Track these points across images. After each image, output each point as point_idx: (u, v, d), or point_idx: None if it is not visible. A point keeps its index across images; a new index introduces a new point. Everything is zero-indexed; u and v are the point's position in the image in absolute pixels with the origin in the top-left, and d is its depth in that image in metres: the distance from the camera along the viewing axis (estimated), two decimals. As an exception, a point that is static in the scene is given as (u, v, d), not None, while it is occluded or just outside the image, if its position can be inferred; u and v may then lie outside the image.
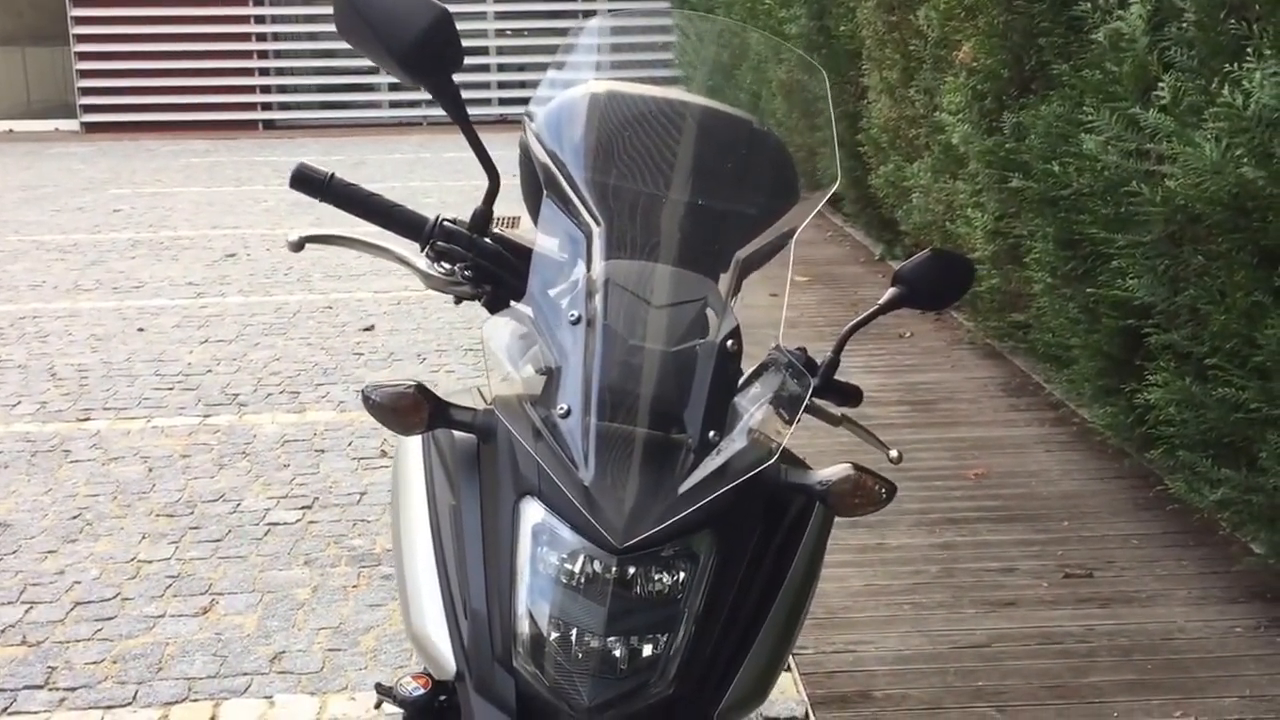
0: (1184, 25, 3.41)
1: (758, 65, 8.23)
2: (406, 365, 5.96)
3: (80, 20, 15.20)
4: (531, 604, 1.46)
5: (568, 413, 1.46)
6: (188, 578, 3.84)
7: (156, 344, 6.42)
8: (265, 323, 6.80)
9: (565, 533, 1.45)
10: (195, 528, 4.21)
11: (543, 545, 1.46)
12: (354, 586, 3.78)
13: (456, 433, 1.62)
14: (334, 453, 4.87)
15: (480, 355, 6.06)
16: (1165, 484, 4.11)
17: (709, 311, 1.56)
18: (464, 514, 1.59)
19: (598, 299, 1.50)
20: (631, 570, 1.43)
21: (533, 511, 1.47)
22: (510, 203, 1.86)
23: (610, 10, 1.83)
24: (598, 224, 1.56)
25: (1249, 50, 3.09)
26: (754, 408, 1.57)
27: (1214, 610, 3.56)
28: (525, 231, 1.94)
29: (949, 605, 3.60)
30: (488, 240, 1.77)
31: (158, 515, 4.31)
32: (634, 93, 1.78)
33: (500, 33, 15.20)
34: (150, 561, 3.95)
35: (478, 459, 1.61)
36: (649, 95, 1.78)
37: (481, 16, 14.93)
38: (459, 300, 1.84)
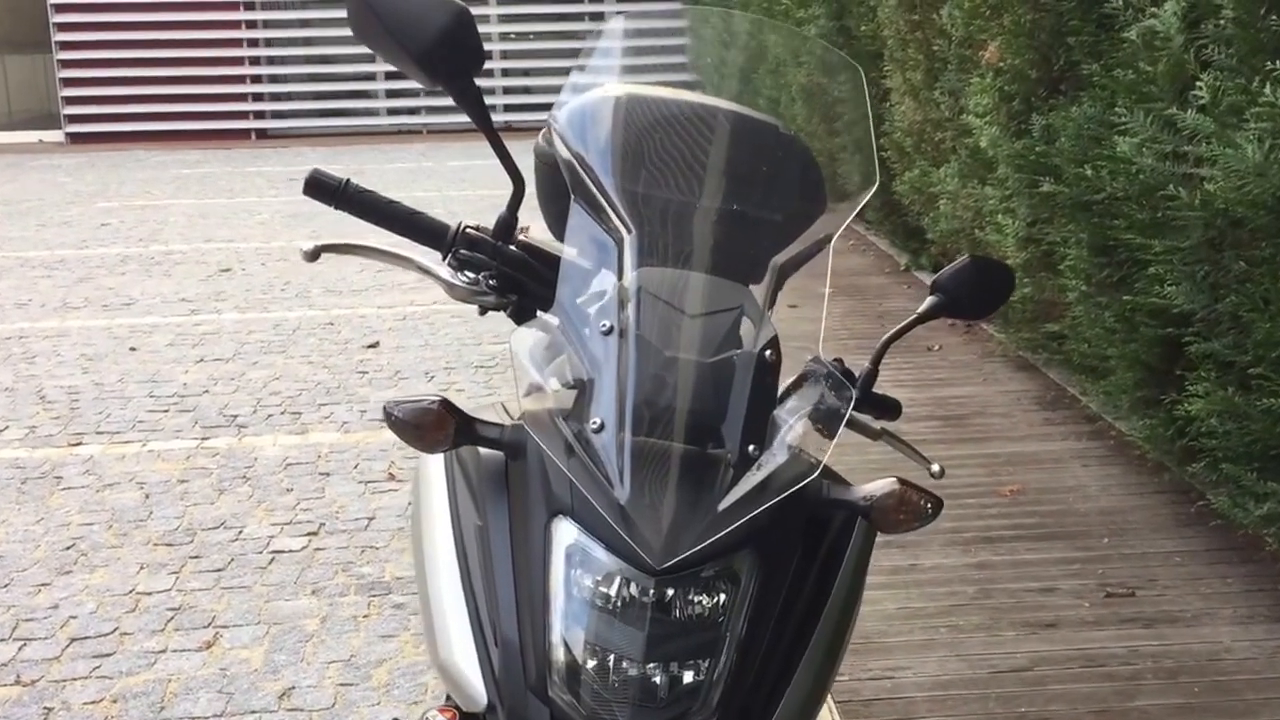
0: (1221, 22, 3.44)
1: (776, 68, 8.25)
2: (414, 384, 5.99)
3: (63, 27, 15.28)
4: (566, 630, 1.47)
5: (601, 427, 1.46)
6: (189, 610, 3.84)
7: (150, 364, 6.46)
8: (263, 340, 6.84)
9: (600, 554, 1.46)
10: (196, 557, 4.22)
11: (577, 567, 1.47)
12: (364, 616, 3.80)
13: (482, 450, 1.64)
14: (339, 476, 4.89)
15: (491, 373, 6.10)
16: (1207, 499, 4.13)
17: (745, 320, 1.58)
18: (492, 535, 1.60)
19: (630, 308, 1.52)
20: (670, 593, 1.44)
21: (566, 532, 1.48)
22: (526, 210, 1.89)
23: (633, 11, 1.86)
24: (629, 231, 1.58)
25: (1291, 47, 3.12)
26: (793, 421, 1.59)
27: (1261, 629, 3.58)
28: (543, 235, 1.96)
29: (987, 628, 3.62)
30: (513, 248, 1.80)
31: (156, 544, 4.32)
32: (657, 95, 1.80)
33: (504, 36, 15.27)
34: (149, 593, 3.96)
35: (505, 477, 1.63)
36: (673, 98, 1.81)
37: (484, 20, 14.98)
38: (484, 311, 1.86)
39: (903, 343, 1.73)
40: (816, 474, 1.53)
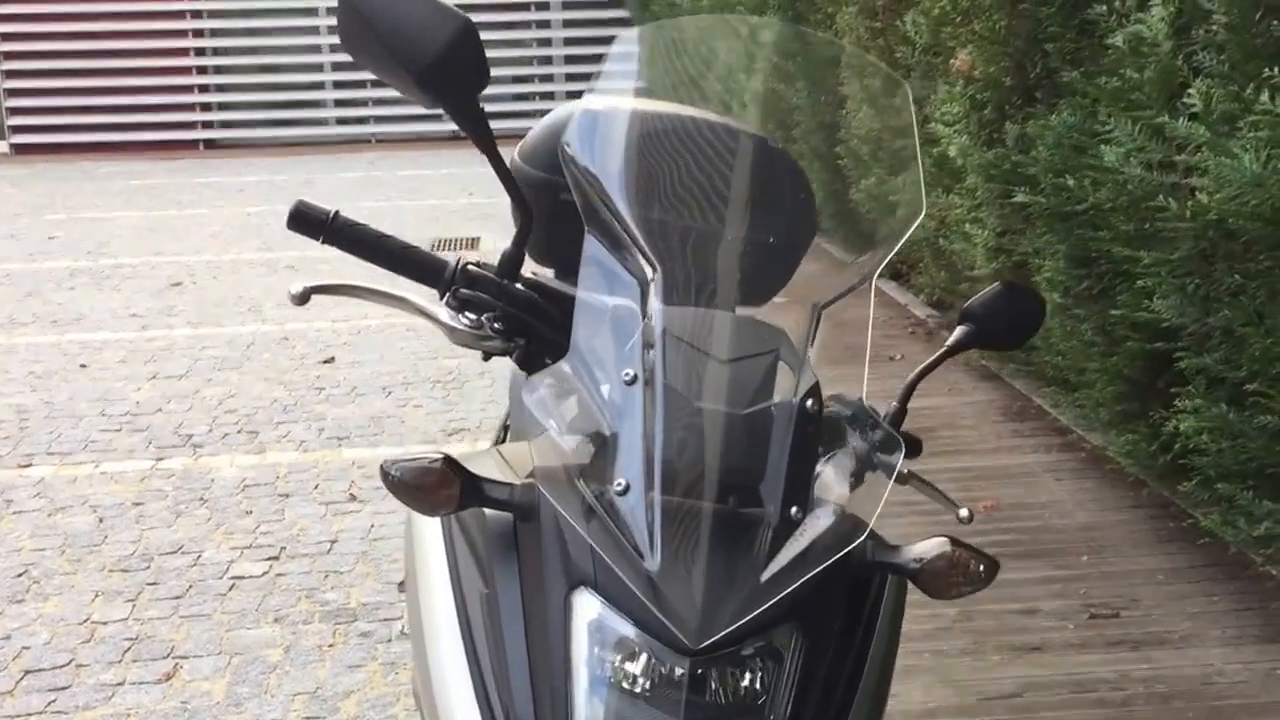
0: (1213, 28, 3.30)
1: (729, 73, 8.08)
2: (371, 400, 5.77)
3: (7, 37, 14.88)
4: (589, 714, 1.29)
5: (626, 489, 1.29)
6: (147, 640, 3.64)
7: (101, 381, 6.19)
8: (217, 356, 6.58)
9: (628, 630, 1.28)
10: (153, 583, 4.00)
11: (601, 645, 1.29)
12: (330, 646, 3.60)
13: (487, 509, 1.45)
14: (299, 497, 4.68)
15: (449, 388, 5.89)
16: (1193, 516, 4.00)
17: (781, 365, 1.41)
18: (501, 605, 1.41)
19: (655, 355, 1.34)
20: (707, 673, 1.27)
21: (588, 605, 1.31)
22: (474, 222, 1.69)
23: (650, 25, 1.67)
24: (654, 268, 1.40)
25: (1290, 54, 2.98)
26: (836, 476, 1.41)
27: (1252, 650, 3.44)
28: (536, 267, 1.77)
29: (972, 652, 3.46)
30: (519, 286, 1.61)
31: (111, 570, 4.10)
32: (674, 114, 1.63)
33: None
34: (105, 623, 3.75)
35: (515, 540, 1.43)
36: (691, 116, 1.63)
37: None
38: (488, 356, 1.68)
39: (859, 350, 1.55)
40: (865, 537, 1.35)
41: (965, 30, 4.88)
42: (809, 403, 1.36)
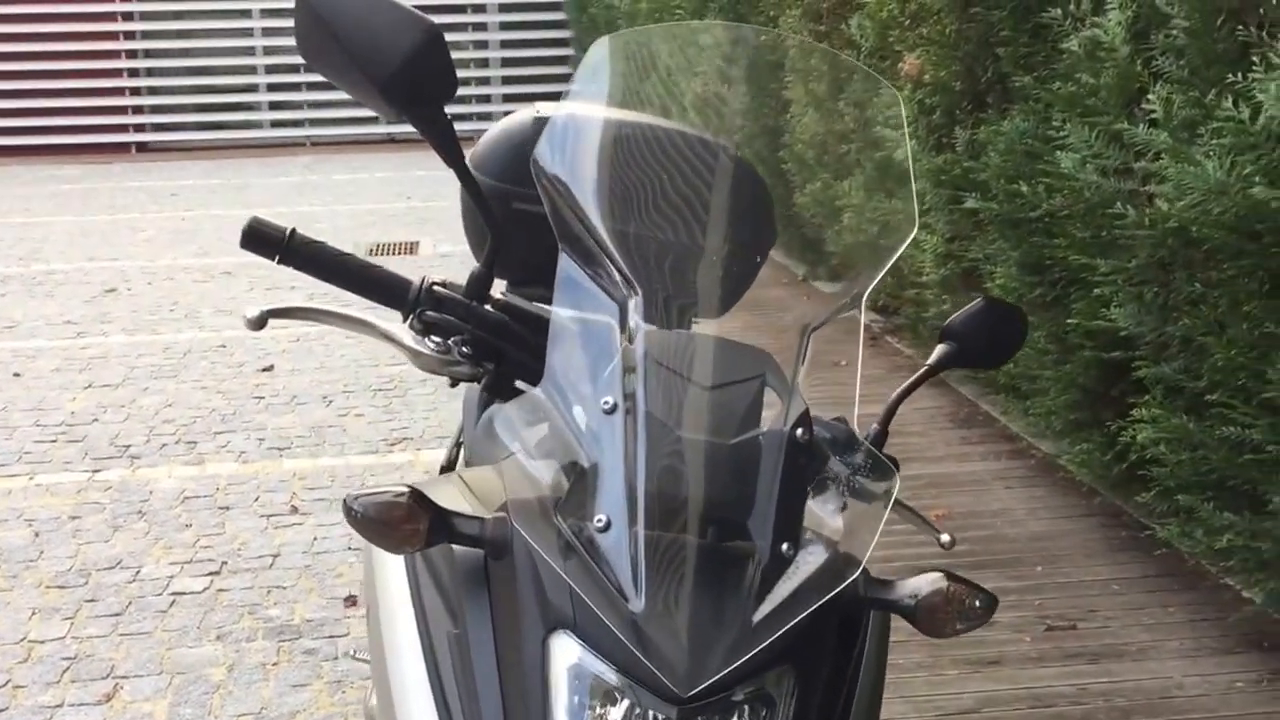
0: (1173, 32, 3.24)
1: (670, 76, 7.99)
2: (312, 409, 5.61)
3: (-67, 38, 14.50)
4: None
5: (607, 525, 1.19)
6: (86, 659, 3.50)
7: (34, 390, 5.97)
8: (154, 364, 6.38)
9: (610, 676, 1.18)
10: (91, 600, 3.85)
11: (582, 693, 1.19)
12: (274, 664, 3.47)
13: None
14: (240, 509, 4.52)
15: (390, 396, 5.75)
16: (1146, 526, 3.95)
17: (768, 391, 1.31)
18: (473, 648, 1.30)
19: (637, 381, 1.25)
20: None
21: (567, 649, 1.20)
22: (421, 226, 1.58)
23: (624, 32, 1.57)
24: (635, 290, 1.30)
25: (1255, 59, 2.92)
26: (824, 507, 1.32)
27: (1211, 663, 3.39)
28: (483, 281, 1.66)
29: (929, 666, 3.38)
30: (489, 308, 1.50)
31: (48, 587, 3.93)
32: (649, 125, 1.53)
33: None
34: (42, 641, 3.59)
35: (486, 577, 1.33)
36: (655, 126, 1.53)
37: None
38: (455, 382, 1.57)
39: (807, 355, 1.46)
40: (859, 573, 1.26)
41: (913, 34, 4.82)
42: (799, 431, 1.27)
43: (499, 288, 1.65)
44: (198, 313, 7.40)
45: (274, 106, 14.82)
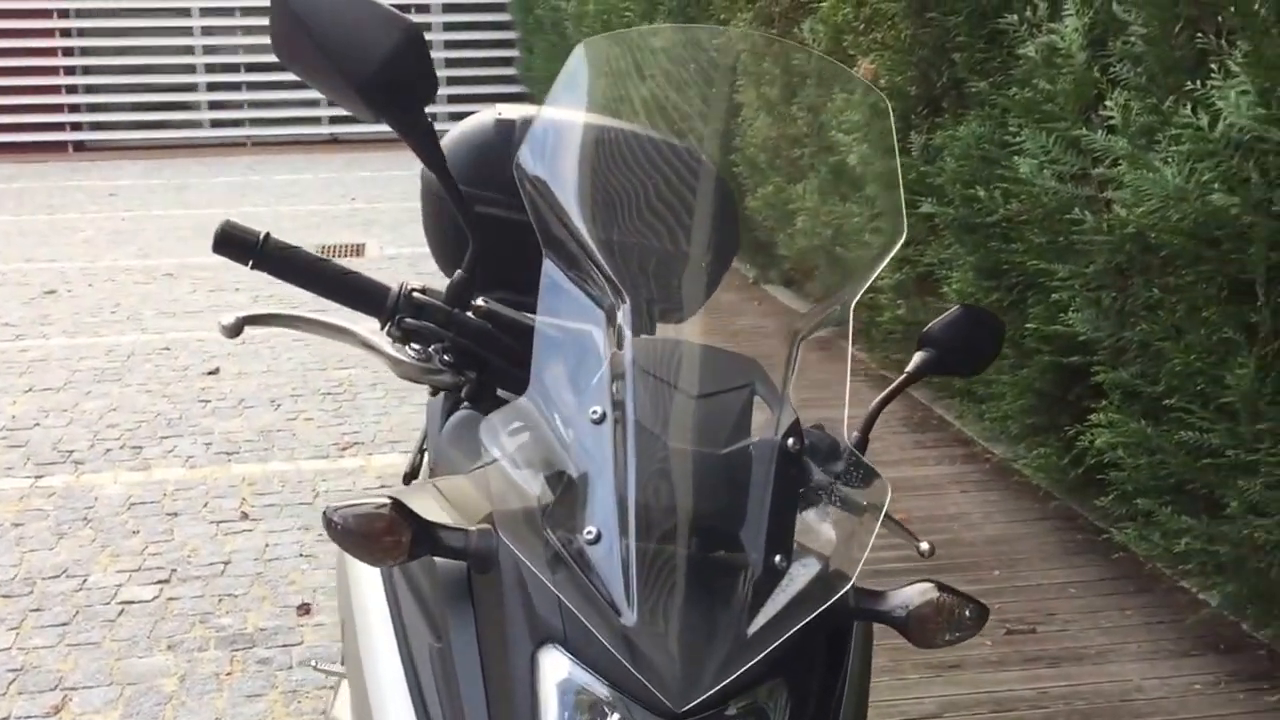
0: (1130, 39, 3.28)
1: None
2: (260, 413, 5.54)
3: None
4: None
5: (598, 537, 1.17)
6: (33, 670, 3.43)
7: (-28, 394, 5.87)
8: (96, 368, 6.28)
9: (602, 691, 1.16)
10: (37, 610, 3.77)
11: (571, 707, 1.17)
12: (227, 674, 3.42)
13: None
14: (188, 516, 4.45)
15: (340, 400, 5.69)
16: (1101, 529, 3.98)
17: (757, 400, 1.30)
18: (457, 663, 1.28)
19: (626, 390, 1.23)
20: None
21: (556, 664, 1.18)
22: (381, 227, 1.56)
23: (605, 35, 1.56)
24: (622, 298, 1.29)
25: (1213, 66, 2.95)
26: (815, 518, 1.31)
27: (1168, 665, 3.43)
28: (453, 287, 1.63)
29: (890, 670, 3.38)
30: (470, 315, 1.48)
31: (-10, 597, 3.85)
32: (633, 131, 1.52)
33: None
34: (-13, 653, 3.52)
35: (469, 589, 1.31)
36: (637, 133, 1.52)
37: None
38: (436, 391, 1.55)
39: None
40: (850, 585, 1.25)
41: (868, 39, 4.84)
42: (790, 441, 1.26)
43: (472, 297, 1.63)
44: (140, 315, 7.29)
45: (214, 106, 14.65)
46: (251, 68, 14.38)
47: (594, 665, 1.17)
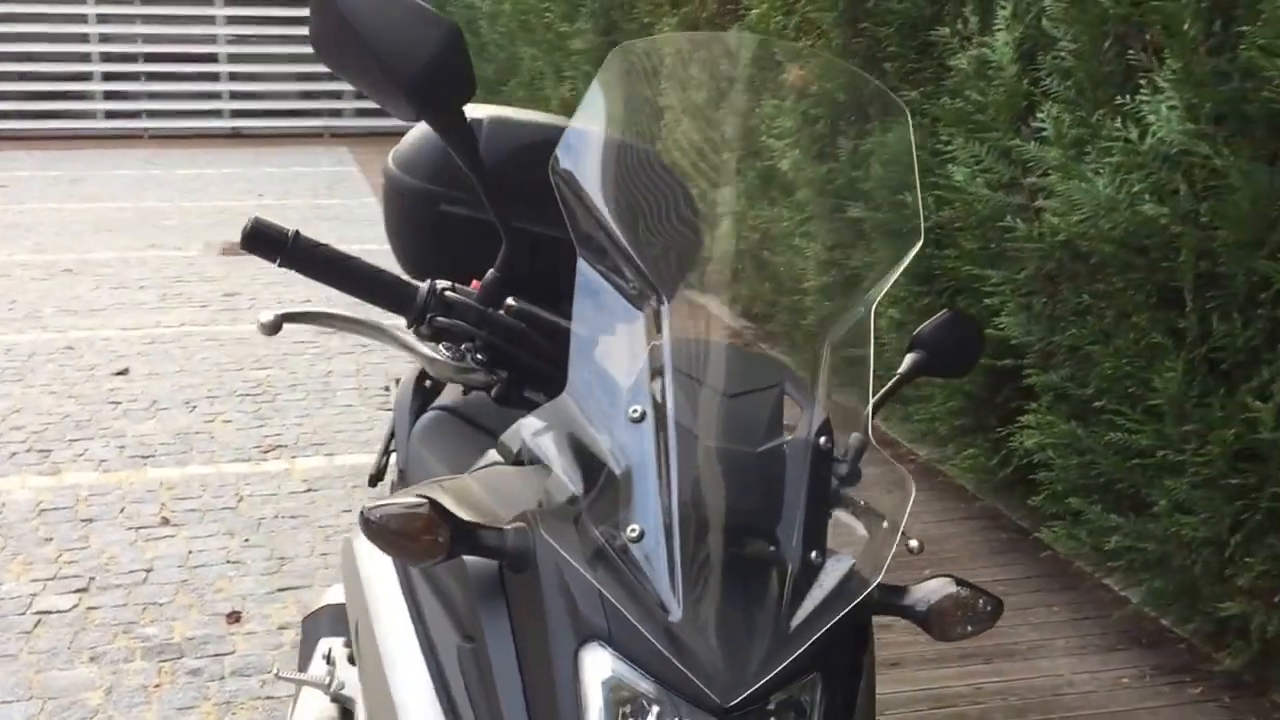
0: (1060, 54, 3.38)
1: (531, 80, 7.98)
2: (175, 415, 5.48)
3: None
4: None
5: (641, 535, 1.21)
6: (-53, 686, 3.35)
7: None
8: (-3, 368, 6.16)
9: (648, 688, 1.20)
10: (-52, 621, 3.70)
11: (617, 704, 1.21)
12: (155, 686, 3.38)
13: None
14: (104, 522, 4.39)
15: (259, 402, 5.64)
16: (1024, 528, 4.10)
17: (786, 399, 1.35)
18: (493, 661, 1.30)
19: (666, 390, 1.27)
20: None
21: (601, 661, 1.21)
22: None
23: (638, 41, 1.60)
24: (661, 299, 1.33)
25: (1142, 82, 3.07)
26: (846, 515, 1.36)
27: (1096, 660, 3.55)
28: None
29: (829, 670, 3.46)
30: (502, 314, 1.51)
31: (-100, 608, 3.77)
32: (650, 132, 1.56)
33: (233, 38, 14.47)
34: (-102, 668, 3.43)
35: (502, 588, 1.33)
36: (658, 138, 1.57)
37: (210, 20, 14.18)
38: (467, 390, 1.58)
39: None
40: (879, 580, 1.30)
41: (800, 47, 4.91)
42: (822, 440, 1.30)
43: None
44: (39, 312, 7.15)
45: (109, 96, 14.38)
46: (150, 58, 14.13)
47: (638, 662, 1.20)
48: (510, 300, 1.55)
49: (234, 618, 3.75)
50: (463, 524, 1.25)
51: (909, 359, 1.70)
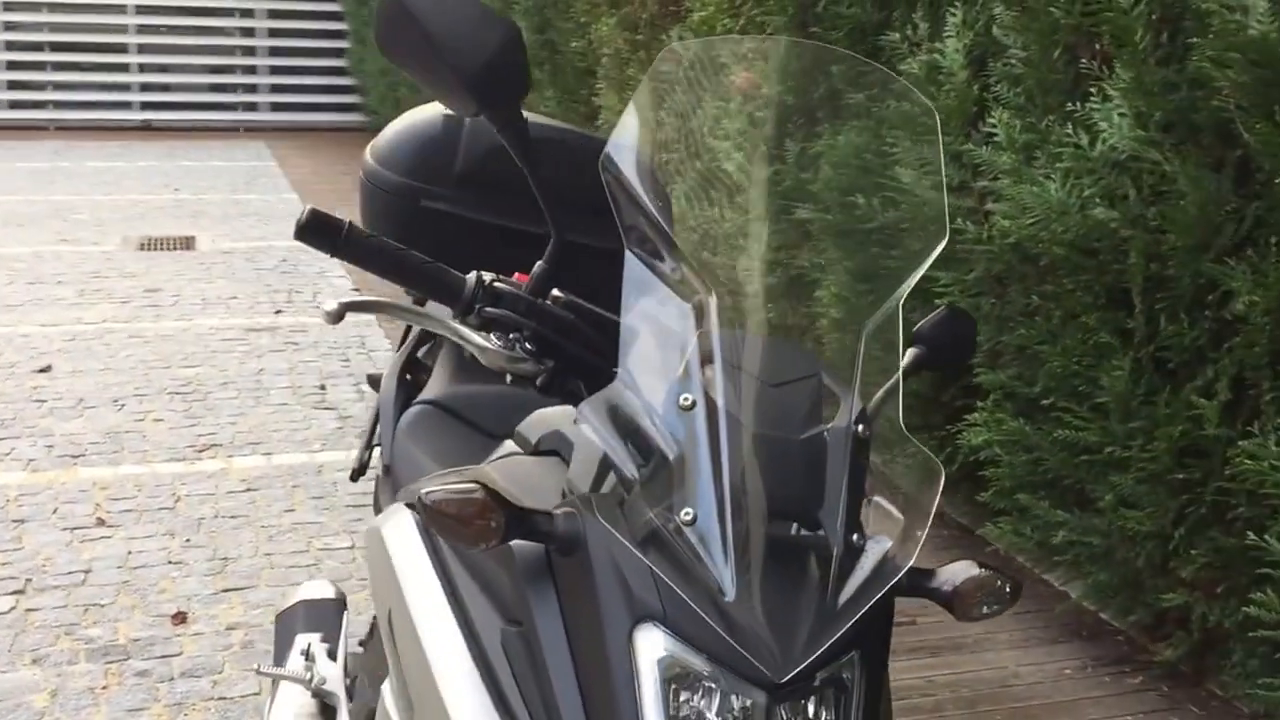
0: (1010, 61, 3.49)
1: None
2: (102, 413, 5.41)
3: None
4: None
5: (694, 519, 1.27)
6: (-113, 690, 3.30)
7: None
8: (-89, 365, 6.04)
9: (702, 666, 1.26)
10: (-118, 625, 3.64)
11: (671, 682, 1.27)
12: (103, 688, 3.36)
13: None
14: (37, 522, 4.34)
15: (190, 400, 5.59)
16: (967, 528, 4.21)
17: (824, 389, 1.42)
18: (544, 644, 1.35)
19: (715, 379, 1.33)
20: (785, 709, 1.27)
21: (654, 641, 1.27)
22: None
23: (694, 41, 1.66)
24: (708, 291, 1.39)
25: (1092, 90, 3.17)
26: (882, 500, 1.43)
27: (1040, 652, 3.66)
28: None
29: (780, 665, 3.54)
30: (549, 304, 1.56)
31: None
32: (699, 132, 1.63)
33: (143, 29, 14.24)
34: None
35: (549, 571, 1.38)
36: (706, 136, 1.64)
37: (121, 10, 13.95)
38: (514, 380, 1.62)
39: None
40: (911, 562, 1.36)
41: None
42: (860, 428, 1.37)
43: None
44: (-49, 309, 7.02)
45: (13, 86, 14.09)
46: (57, 47, 13.87)
47: (691, 641, 1.26)
48: (556, 292, 1.59)
49: (179, 618, 3.73)
50: (515, 509, 1.30)
51: (910, 353, 1.77)
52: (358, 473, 2.47)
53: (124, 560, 4.09)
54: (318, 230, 1.53)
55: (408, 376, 2.41)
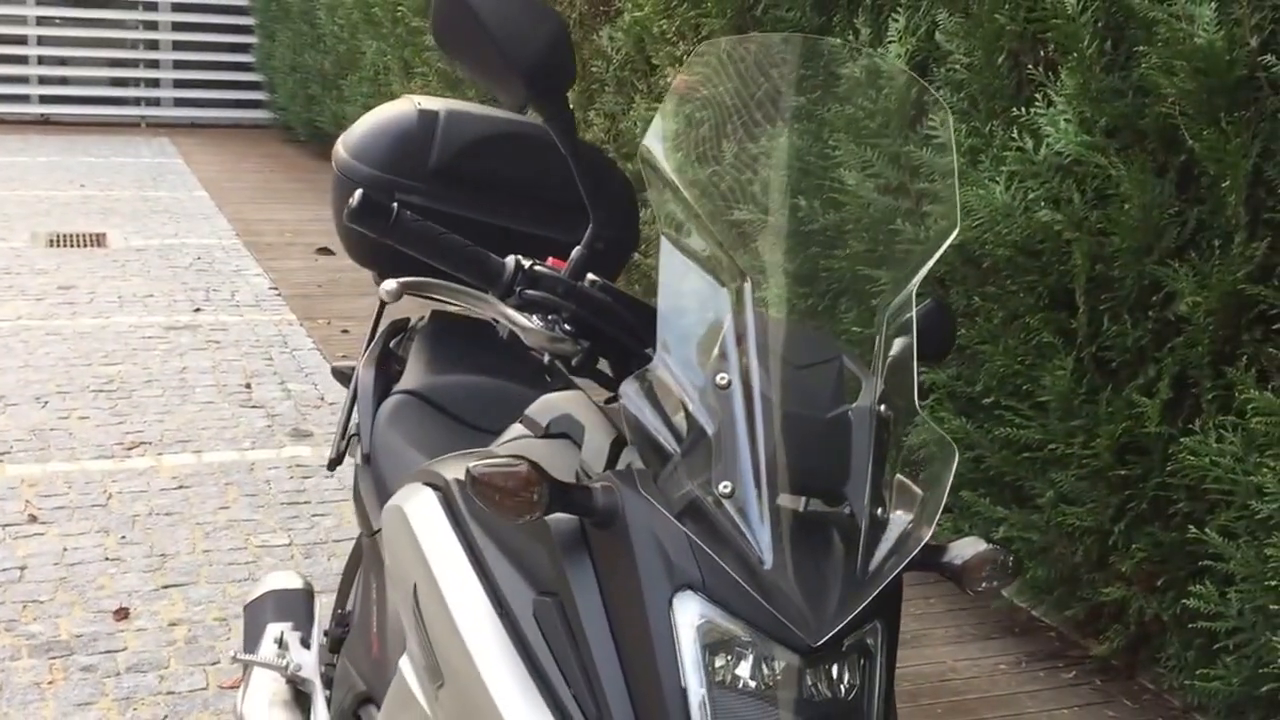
0: (953, 67, 3.61)
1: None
2: (25, 411, 5.34)
3: None
4: (703, 716, 1.34)
5: (732, 492, 1.36)
6: None
7: None
8: None
9: (739, 631, 1.35)
10: None
11: (710, 647, 1.35)
12: (49, 683, 3.36)
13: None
14: (-34, 520, 4.31)
15: (114, 398, 5.54)
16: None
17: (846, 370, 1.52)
18: (582, 613, 1.43)
19: (750, 360, 1.42)
20: (816, 672, 1.36)
21: (692, 609, 1.36)
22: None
23: (734, 38, 1.75)
24: (743, 276, 1.48)
25: (1037, 95, 3.31)
26: (902, 476, 1.52)
27: (975, 648, 3.79)
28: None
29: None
30: (587, 287, 1.63)
31: None
32: (727, 123, 1.72)
33: (43, 20, 13.96)
34: None
35: (585, 543, 1.46)
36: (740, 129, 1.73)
37: (22, 2, 13.66)
38: (550, 361, 1.68)
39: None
40: (930, 535, 1.46)
41: (680, 50, 5.08)
42: (883, 408, 1.47)
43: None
44: None
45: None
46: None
47: (728, 607, 1.35)
48: (592, 275, 1.66)
49: (121, 614, 3.73)
50: (557, 483, 1.38)
51: (898, 343, 1.86)
52: (335, 461, 2.52)
53: (60, 557, 4.06)
54: (370, 213, 1.58)
55: (385, 368, 2.46)
